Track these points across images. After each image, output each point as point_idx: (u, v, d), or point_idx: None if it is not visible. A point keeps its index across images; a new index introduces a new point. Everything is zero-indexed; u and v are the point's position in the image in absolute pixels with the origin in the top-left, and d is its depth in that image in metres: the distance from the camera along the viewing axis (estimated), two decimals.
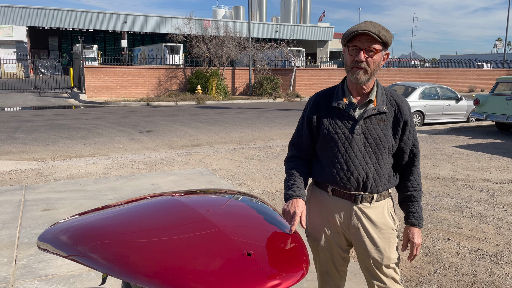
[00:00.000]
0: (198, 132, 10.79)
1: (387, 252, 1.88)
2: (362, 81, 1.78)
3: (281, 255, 1.37)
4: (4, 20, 33.31)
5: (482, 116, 10.82)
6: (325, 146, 1.89)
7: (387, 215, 1.90)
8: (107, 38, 49.07)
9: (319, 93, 1.98)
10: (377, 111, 1.83)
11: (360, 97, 1.87)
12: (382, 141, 1.83)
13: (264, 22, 45.29)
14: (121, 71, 20.60)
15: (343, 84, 1.92)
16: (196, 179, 5.89)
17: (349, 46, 1.76)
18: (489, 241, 3.92)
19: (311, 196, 2.02)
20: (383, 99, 1.86)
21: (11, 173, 6.16)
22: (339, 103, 1.86)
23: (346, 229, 1.90)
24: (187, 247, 1.33)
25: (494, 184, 5.88)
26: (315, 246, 1.99)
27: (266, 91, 22.10)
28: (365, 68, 1.75)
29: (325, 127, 1.87)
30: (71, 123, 11.93)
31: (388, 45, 1.77)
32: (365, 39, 1.72)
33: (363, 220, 1.87)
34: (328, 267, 2.00)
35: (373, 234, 1.87)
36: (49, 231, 1.54)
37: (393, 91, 1.94)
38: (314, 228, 1.98)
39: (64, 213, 4.45)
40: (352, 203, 1.87)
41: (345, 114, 1.85)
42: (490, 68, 33.68)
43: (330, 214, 1.91)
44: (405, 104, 1.89)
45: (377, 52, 1.74)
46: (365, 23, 1.75)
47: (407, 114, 1.87)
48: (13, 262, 3.33)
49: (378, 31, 1.71)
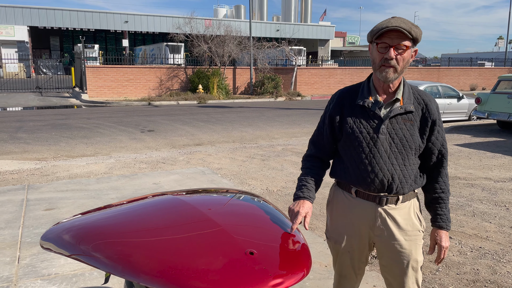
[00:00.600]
0: (199, 131, 10.80)
1: (413, 254, 1.82)
2: (391, 79, 1.71)
3: (284, 254, 1.37)
4: (5, 20, 33.36)
5: (483, 115, 10.81)
6: (348, 145, 1.82)
7: (413, 216, 1.84)
8: (108, 37, 49.12)
9: (343, 90, 1.91)
10: (403, 110, 1.76)
11: (386, 95, 1.80)
12: (409, 142, 1.76)
13: (265, 21, 45.27)
14: (122, 70, 20.62)
15: (369, 81, 1.85)
16: (197, 178, 5.90)
17: (378, 43, 1.68)
18: (491, 240, 3.92)
19: (333, 197, 1.96)
20: (410, 98, 1.79)
21: (13, 172, 6.18)
22: (365, 101, 1.79)
23: (371, 231, 1.84)
24: (189, 246, 1.34)
25: (496, 182, 5.88)
26: (336, 248, 1.94)
27: (267, 90, 22.09)
28: (395, 66, 1.68)
29: (349, 126, 1.81)
30: (73, 123, 11.95)
31: (417, 41, 1.70)
32: (395, 35, 1.65)
33: (388, 222, 1.81)
34: (346, 271, 1.96)
35: (398, 236, 1.81)
36: (52, 231, 1.55)
37: (420, 90, 1.85)
38: (335, 230, 1.93)
39: (67, 212, 4.47)
40: (376, 205, 1.81)
41: (370, 113, 1.78)
42: (492, 66, 33.62)
43: (353, 217, 1.86)
44: (433, 103, 1.81)
45: (407, 49, 1.67)
46: (393, 19, 1.67)
47: (435, 114, 1.79)
48: (16, 261, 3.34)
49: (408, 27, 1.64)
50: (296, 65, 23.55)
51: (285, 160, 7.24)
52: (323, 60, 27.20)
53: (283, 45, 23.92)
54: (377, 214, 1.82)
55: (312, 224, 4.30)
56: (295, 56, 23.75)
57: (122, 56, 22.14)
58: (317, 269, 3.27)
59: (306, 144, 8.79)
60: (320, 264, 3.36)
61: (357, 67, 26.38)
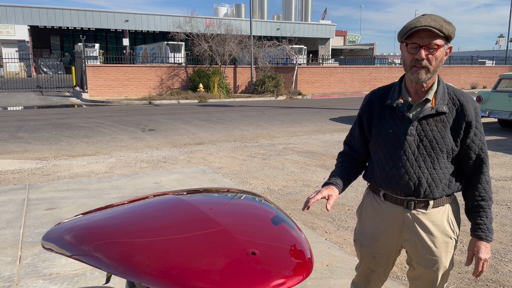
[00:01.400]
0: (200, 130, 10.80)
1: (443, 262, 1.77)
2: (424, 80, 1.65)
3: (285, 253, 1.37)
4: (6, 19, 33.37)
5: (484, 113, 10.79)
6: (376, 146, 1.80)
7: (445, 223, 1.77)
8: (108, 37, 49.13)
9: (375, 90, 1.88)
10: (434, 111, 1.68)
11: (418, 96, 1.74)
12: (439, 144, 1.68)
13: (265, 20, 45.25)
14: (123, 69, 20.62)
15: (401, 82, 1.80)
16: (198, 178, 5.90)
17: (408, 43, 1.62)
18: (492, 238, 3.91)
19: (364, 200, 1.95)
20: (443, 98, 1.70)
21: (14, 172, 6.18)
22: (394, 102, 1.74)
23: (399, 236, 1.81)
24: (191, 246, 1.33)
25: (497, 181, 5.87)
26: (362, 252, 1.93)
27: (268, 89, 22.09)
28: (427, 66, 1.61)
29: (377, 127, 1.78)
30: (74, 122, 11.95)
31: (451, 38, 1.62)
32: (425, 35, 1.58)
33: (416, 227, 1.76)
34: (370, 275, 1.95)
35: (428, 242, 1.75)
36: (53, 231, 1.55)
37: (458, 89, 1.76)
38: (362, 233, 1.91)
39: (68, 212, 4.47)
40: (404, 209, 1.76)
41: (399, 114, 1.73)
42: (493, 64, 33.57)
43: (381, 220, 1.83)
44: (470, 104, 1.70)
45: (439, 48, 1.60)
46: (423, 17, 1.61)
47: (471, 115, 1.68)
48: (18, 261, 3.34)
49: (439, 25, 1.57)
50: (296, 64, 23.53)
51: (286, 159, 7.24)
52: (323, 58, 27.16)
53: (283, 43, 23.90)
54: (405, 219, 1.77)
55: (313, 223, 4.29)
56: (295, 55, 23.73)
57: (123, 55, 22.14)
58: (318, 269, 3.27)
59: (307, 143, 8.79)
60: (322, 264, 3.35)
61: (358, 65, 26.35)
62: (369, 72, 26.08)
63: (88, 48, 31.36)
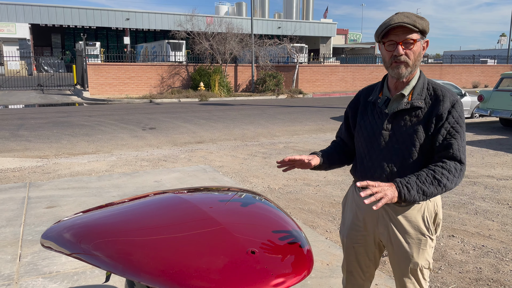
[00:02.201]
0: (201, 129, 10.79)
1: (414, 258, 1.77)
2: (404, 74, 1.70)
3: (285, 253, 1.36)
4: (7, 17, 33.38)
5: (486, 112, 10.77)
6: (358, 141, 1.88)
7: (420, 220, 1.76)
8: (109, 35, 49.12)
9: (364, 88, 1.97)
10: (409, 105, 1.72)
11: (398, 91, 1.78)
12: (411, 138, 1.70)
13: (266, 19, 45.20)
14: (123, 68, 20.62)
15: (384, 79, 1.87)
16: (199, 176, 5.89)
17: (385, 42, 1.68)
18: (493, 238, 3.90)
19: (348, 192, 2.03)
20: (421, 93, 1.73)
21: (15, 170, 6.18)
22: (374, 98, 1.83)
23: (376, 228, 1.84)
24: (190, 245, 1.33)
25: (498, 180, 5.85)
26: (343, 242, 1.98)
27: (269, 88, 22.07)
28: (406, 61, 1.67)
29: (359, 122, 1.88)
30: (74, 121, 11.95)
31: (426, 33, 1.68)
32: (400, 31, 1.64)
33: (390, 221, 1.78)
34: (352, 267, 1.97)
35: (399, 238, 1.77)
36: (52, 229, 1.54)
37: (439, 85, 1.76)
38: (344, 224, 1.98)
39: (68, 210, 4.47)
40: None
41: (378, 110, 1.81)
42: (494, 63, 33.53)
43: (360, 212, 1.89)
44: (447, 98, 1.69)
45: (416, 42, 1.66)
46: (396, 15, 1.67)
47: (445, 108, 1.67)
48: (17, 259, 3.34)
49: (413, 20, 1.63)
50: (297, 63, 23.51)
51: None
52: (324, 57, 27.12)
53: (284, 42, 23.87)
54: (380, 212, 1.81)
55: (313, 222, 4.29)
56: (296, 53, 23.70)
57: (124, 53, 22.15)
58: (319, 268, 3.26)
59: (307, 142, 8.78)
60: (322, 263, 3.35)
61: (359, 64, 26.33)
62: (370, 71, 26.05)
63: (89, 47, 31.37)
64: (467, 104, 12.65)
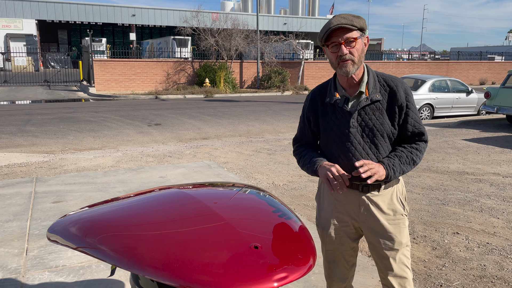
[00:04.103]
0: (206, 125, 10.81)
1: (398, 237, 1.89)
2: (352, 71, 1.79)
3: (288, 248, 1.37)
4: (14, 14, 33.55)
5: (493, 109, 10.69)
6: (325, 142, 1.94)
7: (395, 201, 1.91)
8: (115, 31, 49.23)
9: (314, 89, 2.02)
10: (369, 101, 1.83)
11: (351, 88, 1.88)
12: (379, 130, 1.83)
13: (272, 15, 45.06)
14: (129, 64, 20.67)
15: (335, 78, 1.94)
16: (204, 172, 5.91)
17: (328, 44, 1.78)
18: (498, 235, 3.89)
19: (321, 187, 2.07)
20: (375, 86, 1.85)
21: (22, 165, 6.24)
22: (332, 99, 1.89)
23: (356, 217, 1.93)
24: (194, 240, 1.34)
25: (504, 178, 5.82)
26: (323, 234, 2.03)
27: (274, 84, 22.03)
28: (351, 58, 1.76)
29: (322, 125, 1.93)
30: (81, 116, 12.02)
31: (364, 29, 1.79)
32: (340, 32, 1.74)
33: (371, 208, 1.89)
34: (335, 256, 2.02)
35: (382, 221, 1.89)
36: (58, 223, 1.56)
37: (388, 75, 1.91)
38: (323, 216, 2.02)
39: (74, 205, 4.50)
40: (360, 193, 1.89)
41: (339, 109, 1.88)
42: (502, 60, 33.23)
43: (339, 204, 1.95)
44: (400, 87, 1.85)
45: (357, 40, 1.75)
46: (334, 18, 1.76)
47: (402, 97, 1.84)
48: (24, 253, 3.38)
49: (350, 20, 1.73)
50: (303, 59, 23.44)
51: (291, 154, 7.23)
52: None
53: (290, 38, 23.80)
54: (361, 201, 1.90)
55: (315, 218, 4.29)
56: (302, 49, 23.62)
57: (129, 49, 22.19)
58: (322, 264, 3.26)
59: None
60: None
61: (365, 61, 26.07)
62: (376, 67, 25.93)
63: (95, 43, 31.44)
64: (474, 101, 12.57)
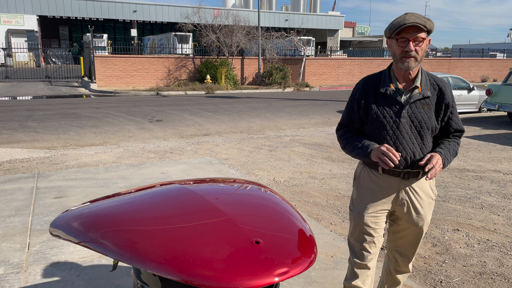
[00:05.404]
0: (207, 121, 10.82)
1: (427, 219, 2.14)
2: (412, 67, 1.95)
3: (289, 243, 1.38)
4: (15, 9, 33.50)
5: (494, 107, 10.67)
6: (374, 129, 2.07)
7: (429, 188, 2.13)
8: (117, 27, 49.14)
9: (366, 78, 2.14)
10: (421, 96, 2.01)
11: (405, 83, 2.05)
12: (427, 124, 2.01)
13: (274, 11, 44.92)
14: (131, 60, 20.66)
15: (390, 70, 2.08)
16: (205, 168, 5.93)
17: (397, 38, 1.93)
18: (498, 232, 3.90)
19: (360, 174, 2.19)
20: (427, 84, 2.04)
21: (23, 161, 6.25)
22: (387, 89, 2.04)
23: (394, 203, 2.10)
24: (196, 235, 1.35)
25: (505, 175, 5.83)
26: (359, 219, 2.14)
27: (276, 81, 22.01)
28: (415, 56, 1.93)
29: (374, 112, 2.05)
30: (82, 112, 12.03)
31: (431, 32, 1.94)
32: (412, 30, 1.89)
33: (410, 194, 2.08)
34: (367, 240, 2.14)
35: (417, 204, 2.10)
36: (61, 218, 1.57)
37: (436, 76, 2.10)
38: (360, 202, 2.15)
39: (76, 200, 4.52)
40: (401, 180, 2.06)
41: (392, 100, 2.03)
42: (504, 57, 33.11)
43: (379, 190, 2.10)
44: (447, 88, 2.06)
45: (424, 40, 1.92)
46: (408, 15, 1.91)
47: (449, 97, 2.05)
48: (26, 248, 3.40)
49: (423, 21, 1.88)
50: (304, 56, 23.40)
51: (293, 151, 7.24)
52: (332, 50, 26.96)
53: (291, 35, 23.74)
54: (401, 187, 2.08)
55: (318, 215, 4.31)
56: (303, 46, 23.57)
57: (131, 45, 22.19)
58: (323, 259, 3.28)
59: (313, 135, 8.77)
60: (326, 255, 3.37)
61: (367, 57, 26.14)
62: (377, 64, 25.87)
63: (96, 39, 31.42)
64: (475, 98, 12.54)
